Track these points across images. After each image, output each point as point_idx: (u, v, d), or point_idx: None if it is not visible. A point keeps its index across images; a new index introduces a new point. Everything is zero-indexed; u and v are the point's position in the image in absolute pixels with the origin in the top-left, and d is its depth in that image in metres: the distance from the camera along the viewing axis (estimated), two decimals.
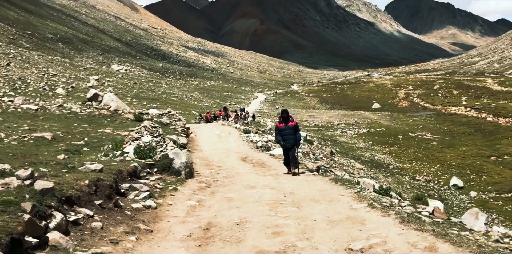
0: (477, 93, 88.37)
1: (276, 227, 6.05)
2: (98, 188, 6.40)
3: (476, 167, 39.12)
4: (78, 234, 5.05)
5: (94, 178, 6.50)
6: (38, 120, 15.88)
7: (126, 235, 5.39)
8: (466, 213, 7.32)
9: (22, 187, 5.17)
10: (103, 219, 5.75)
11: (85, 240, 4.93)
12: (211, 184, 9.81)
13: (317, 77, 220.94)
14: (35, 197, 4.94)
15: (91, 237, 5.07)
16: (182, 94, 74.40)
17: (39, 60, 63.89)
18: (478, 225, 6.78)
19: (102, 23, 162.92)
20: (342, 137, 53.43)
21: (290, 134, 12.45)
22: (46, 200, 5.08)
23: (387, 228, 5.74)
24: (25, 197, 4.87)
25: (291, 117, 12.82)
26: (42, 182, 5.38)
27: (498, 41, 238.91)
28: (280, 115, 12.89)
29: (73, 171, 6.84)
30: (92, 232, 5.22)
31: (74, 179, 6.19)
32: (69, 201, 5.63)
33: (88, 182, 6.27)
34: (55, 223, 4.86)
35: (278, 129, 12.77)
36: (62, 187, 5.67)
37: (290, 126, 12.55)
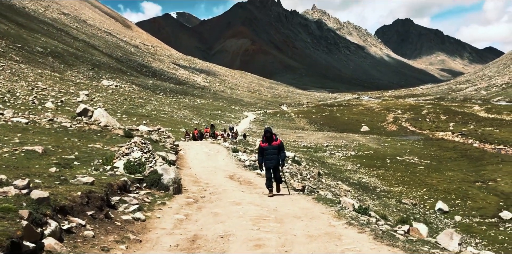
0: (464, 119, 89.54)
1: (258, 240, 6.32)
2: (90, 200, 6.60)
3: (461, 192, 39.39)
4: (71, 241, 5.22)
5: (86, 190, 6.69)
6: (28, 133, 15.83)
7: (117, 244, 5.60)
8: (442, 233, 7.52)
9: (20, 196, 5.39)
10: (95, 228, 5.94)
11: (78, 247, 5.11)
12: (198, 200, 9.97)
13: (307, 98, 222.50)
14: (31, 206, 5.14)
15: (84, 245, 5.26)
16: (172, 112, 74.42)
17: (28, 74, 63.62)
18: (452, 245, 6.95)
19: (93, 38, 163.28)
20: (330, 159, 53.62)
21: (273, 154, 11.87)
22: (41, 209, 5.27)
23: (361, 243, 6.03)
24: (23, 205, 5.08)
25: (275, 136, 12.18)
26: (38, 191, 5.57)
27: (486, 68, 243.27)
28: (263, 135, 12.17)
29: (66, 183, 6.98)
30: (84, 240, 5.41)
31: (67, 191, 6.38)
32: (63, 210, 5.83)
33: (80, 193, 6.47)
34: (50, 230, 5.04)
35: (261, 149, 12.13)
36: (56, 197, 5.87)
37: (274, 146, 11.90)
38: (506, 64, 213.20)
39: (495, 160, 52.12)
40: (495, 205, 35.88)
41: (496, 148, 61.08)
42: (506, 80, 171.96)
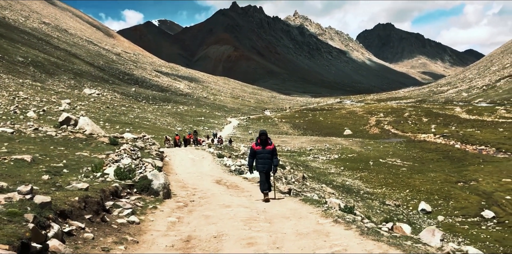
0: (446, 121, 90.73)
1: (250, 239, 6.65)
2: (87, 204, 6.89)
3: (444, 193, 39.99)
4: (72, 243, 5.50)
5: (83, 195, 6.98)
6: (14, 143, 15.89)
7: (116, 245, 5.91)
8: (424, 230, 7.82)
9: (24, 201, 5.64)
10: (93, 231, 6.23)
11: (80, 248, 5.40)
12: (188, 204, 10.23)
13: (290, 103, 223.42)
14: (35, 210, 5.40)
15: (85, 246, 5.54)
16: (155, 119, 74.31)
17: (9, 83, 63.11)
18: (434, 241, 7.23)
19: (74, 47, 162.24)
20: (314, 162, 54.02)
21: (267, 158, 11.30)
22: (44, 213, 5.54)
23: (348, 239, 6.40)
24: (27, 209, 5.33)
25: (270, 140, 11.56)
26: (41, 196, 5.86)
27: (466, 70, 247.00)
28: (258, 137, 11.57)
29: (62, 190, 7.24)
30: (85, 242, 5.70)
31: (64, 196, 6.65)
32: (63, 214, 6.12)
33: (78, 198, 6.75)
34: (53, 232, 5.31)
35: (253, 152, 11.51)
36: (56, 202, 6.13)
37: (267, 150, 11.32)
38: (487, 66, 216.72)
39: (477, 161, 52.99)
40: (477, 204, 36.49)
41: (477, 148, 62.06)
42: (487, 82, 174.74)
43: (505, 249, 26.67)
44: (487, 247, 26.49)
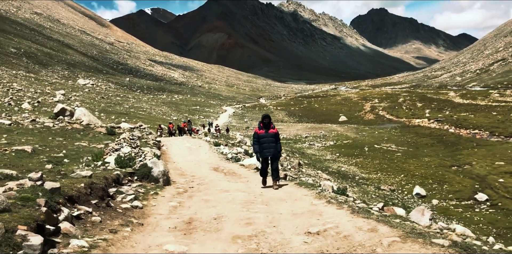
0: (440, 105, 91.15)
1: (248, 220, 7.11)
2: (93, 190, 7.26)
3: (438, 177, 40.46)
4: (81, 226, 5.85)
5: (88, 182, 7.34)
6: (13, 134, 16.06)
7: (122, 227, 6.29)
8: (414, 210, 8.11)
9: (35, 187, 6.00)
10: (100, 215, 6.60)
11: (89, 230, 5.77)
12: (187, 190, 10.58)
13: (285, 90, 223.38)
14: (46, 195, 5.74)
15: (93, 228, 5.91)
16: (150, 108, 74.35)
17: (3, 75, 62.84)
18: (424, 220, 7.52)
19: (67, 37, 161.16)
20: (310, 149, 54.36)
21: (271, 142, 10.95)
22: (55, 198, 5.90)
23: (339, 217, 6.85)
24: (39, 194, 5.65)
25: (273, 124, 11.23)
26: (51, 183, 6.19)
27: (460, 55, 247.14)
28: (260, 121, 11.19)
29: (67, 177, 7.61)
30: (93, 225, 6.07)
31: (71, 183, 6.99)
32: (71, 200, 6.48)
33: (83, 185, 7.11)
34: (63, 216, 5.67)
35: (256, 136, 11.10)
36: (64, 188, 6.49)
37: (271, 133, 10.99)
38: (480, 50, 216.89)
39: (470, 145, 53.47)
40: (470, 188, 36.99)
41: (471, 132, 62.54)
42: (480, 66, 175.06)
43: (498, 230, 27.18)
44: (480, 229, 26.97)
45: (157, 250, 5.42)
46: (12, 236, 4.22)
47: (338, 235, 5.81)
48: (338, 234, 5.86)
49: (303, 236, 5.95)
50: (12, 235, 4.23)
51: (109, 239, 5.56)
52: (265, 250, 5.37)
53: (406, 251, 4.76)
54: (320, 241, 5.64)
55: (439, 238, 5.15)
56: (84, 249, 4.96)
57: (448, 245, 4.79)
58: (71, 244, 5.01)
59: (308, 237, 5.91)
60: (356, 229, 6.01)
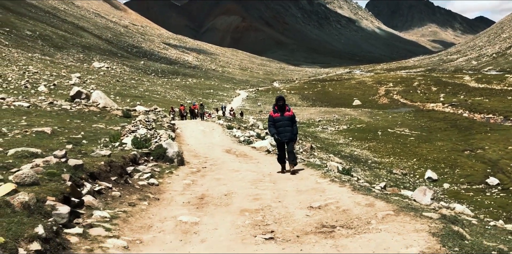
0: (455, 89, 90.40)
1: (256, 195, 7.66)
2: (112, 168, 7.79)
3: (450, 161, 40.61)
4: (103, 199, 6.40)
5: (108, 160, 7.90)
6: (32, 116, 16.66)
7: (140, 201, 6.86)
8: (416, 190, 8.49)
9: (60, 164, 6.54)
10: (120, 190, 7.16)
11: (110, 204, 6.32)
12: (200, 170, 11.15)
13: (299, 74, 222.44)
14: (70, 171, 6.26)
15: (113, 202, 6.46)
16: (165, 92, 74.94)
17: (19, 58, 63.66)
18: (425, 199, 7.91)
19: (81, 20, 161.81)
20: (322, 133, 54.63)
21: (286, 125, 10.62)
22: (78, 173, 6.43)
23: (341, 194, 7.31)
24: (63, 170, 6.18)
25: (288, 106, 10.89)
26: (74, 160, 6.75)
27: (476, 38, 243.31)
28: (274, 104, 10.90)
29: (87, 156, 8.16)
30: (113, 199, 6.62)
31: (92, 161, 7.54)
32: (92, 176, 7.00)
33: (104, 163, 7.65)
34: (86, 190, 6.21)
35: (272, 120, 10.75)
36: (85, 166, 7.01)
37: (286, 117, 10.64)
38: (497, 33, 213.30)
39: (484, 129, 53.28)
40: (482, 172, 37.14)
41: (485, 117, 62.20)
42: (497, 50, 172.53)
43: (508, 214, 27.42)
44: (490, 213, 27.22)
45: (172, 221, 5.94)
46: (43, 205, 4.73)
47: (337, 209, 6.27)
48: (337, 208, 6.32)
49: (306, 210, 6.42)
50: (42, 204, 4.74)
51: (128, 211, 6.11)
52: (270, 222, 5.84)
53: (398, 222, 5.20)
54: (320, 214, 6.11)
55: (430, 212, 5.57)
56: (106, 219, 5.51)
57: (437, 218, 5.20)
58: (94, 215, 5.55)
59: (310, 211, 6.39)
60: (355, 204, 6.46)
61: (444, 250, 4.20)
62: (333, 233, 5.19)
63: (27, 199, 4.48)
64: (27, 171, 5.42)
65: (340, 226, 5.44)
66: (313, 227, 5.51)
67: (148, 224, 5.80)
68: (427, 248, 4.33)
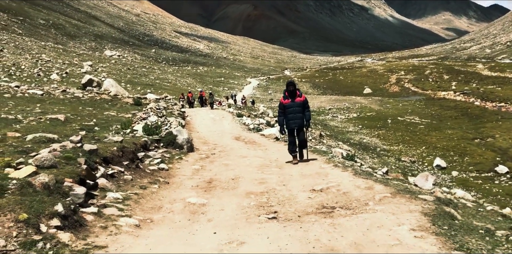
0: (467, 78, 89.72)
1: (261, 179, 8.00)
2: (124, 153, 8.16)
3: (459, 149, 40.61)
4: (115, 182, 6.77)
5: (120, 146, 8.28)
6: (45, 104, 17.07)
7: (151, 184, 7.24)
8: (418, 175, 8.71)
9: (76, 148, 6.91)
10: (131, 174, 7.52)
11: (122, 186, 6.70)
12: (209, 156, 11.49)
13: (310, 62, 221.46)
14: (85, 155, 6.64)
15: (125, 185, 6.84)
16: (176, 80, 75.24)
17: (32, 46, 64.21)
18: (427, 185, 8.12)
19: (94, 9, 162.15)
20: (332, 121, 54.77)
21: (297, 112, 9.99)
22: (92, 158, 6.82)
23: (342, 178, 7.64)
24: (79, 155, 6.54)
25: (299, 91, 10.23)
26: (89, 145, 7.16)
27: (491, 26, 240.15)
28: (285, 89, 10.30)
29: (100, 142, 8.51)
30: (125, 182, 6.99)
31: (105, 146, 7.91)
32: (106, 160, 7.38)
33: (116, 148, 8.03)
34: (100, 173, 6.60)
35: (282, 107, 10.15)
36: (99, 151, 7.39)
37: (297, 102, 10.01)
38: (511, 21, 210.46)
39: (495, 118, 53.04)
40: (492, 160, 37.13)
41: (497, 105, 61.84)
42: (511, 38, 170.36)
43: None
44: (498, 201, 27.35)
45: (180, 202, 6.31)
46: (61, 186, 5.09)
47: (338, 192, 6.59)
48: (338, 191, 6.65)
49: (308, 193, 6.76)
50: (61, 185, 5.10)
51: (139, 193, 6.50)
52: (274, 203, 6.19)
53: (394, 204, 5.50)
54: (322, 196, 6.44)
55: (425, 195, 5.85)
56: (119, 200, 5.88)
57: (432, 200, 5.48)
58: (107, 196, 5.93)
59: (312, 193, 6.72)
60: (355, 187, 6.79)
61: (433, 228, 4.51)
62: (332, 213, 5.50)
63: (47, 180, 4.85)
64: (45, 155, 5.78)
65: (339, 207, 5.75)
66: (314, 208, 5.82)
67: (158, 205, 6.16)
68: (417, 226, 4.64)
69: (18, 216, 4.09)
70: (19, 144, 7.17)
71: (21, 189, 4.62)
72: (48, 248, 3.90)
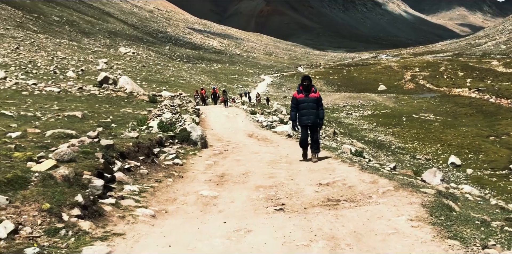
0: (482, 74, 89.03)
1: (271, 174, 8.32)
2: (140, 149, 8.50)
3: (474, 147, 40.49)
4: (132, 176, 7.12)
5: (136, 141, 8.62)
6: (63, 101, 17.51)
7: (165, 178, 7.62)
8: (426, 171, 8.89)
9: (93, 143, 7.28)
10: (147, 168, 7.86)
11: (138, 180, 7.05)
12: (222, 152, 11.81)
13: (324, 59, 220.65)
14: (102, 150, 6.99)
15: (141, 178, 7.20)
16: (190, 77, 75.67)
17: (47, 43, 64.96)
18: (435, 180, 8.30)
19: (107, 5, 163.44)
20: (347, 119, 54.81)
21: (311, 108, 9.65)
22: (109, 152, 7.17)
23: (349, 172, 7.94)
24: (97, 149, 6.89)
25: (314, 87, 9.92)
26: (106, 140, 7.52)
27: (506, 22, 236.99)
28: (299, 84, 9.98)
29: (117, 138, 8.86)
30: (141, 176, 7.35)
31: (121, 142, 8.25)
32: (122, 155, 7.71)
33: (132, 144, 8.37)
34: (117, 167, 6.95)
35: (295, 102, 9.80)
36: (116, 146, 7.72)
37: (311, 98, 9.68)
38: None
39: (510, 115, 52.76)
40: (506, 158, 36.99)
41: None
42: None
43: None
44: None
45: (194, 195, 6.66)
46: (80, 178, 5.43)
47: (344, 186, 6.88)
48: (344, 185, 6.93)
49: (315, 187, 7.05)
50: (80, 178, 5.44)
51: (155, 186, 6.86)
52: (282, 196, 6.49)
53: (396, 197, 5.76)
54: (328, 190, 6.73)
55: (427, 188, 6.09)
56: (135, 192, 6.23)
57: (433, 193, 5.71)
58: (124, 188, 6.27)
59: (318, 187, 7.01)
60: (360, 181, 7.08)
61: (430, 218, 4.78)
62: (336, 206, 5.78)
63: (67, 173, 5.18)
64: (65, 149, 6.13)
65: (344, 200, 6.03)
66: (320, 201, 6.10)
67: (173, 197, 6.50)
68: (415, 216, 4.92)
69: (42, 205, 4.42)
70: (39, 139, 7.52)
71: (43, 181, 4.95)
72: (70, 235, 4.23)
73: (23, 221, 4.17)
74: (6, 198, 4.35)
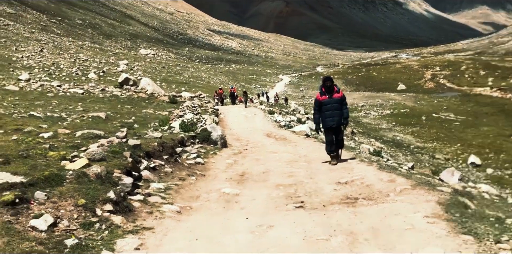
0: (504, 73, 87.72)
1: (290, 173, 8.57)
2: (164, 148, 8.86)
3: (495, 146, 40.01)
4: (157, 174, 7.47)
5: (160, 141, 8.98)
6: (86, 102, 18.00)
7: (188, 176, 7.98)
8: (444, 171, 9.03)
9: (121, 143, 7.67)
10: (171, 167, 8.23)
11: (163, 178, 7.42)
12: (242, 151, 12.15)
13: (343, 58, 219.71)
14: (130, 149, 7.36)
15: (166, 177, 7.57)
16: (209, 78, 76.16)
17: (70, 46, 66.12)
18: (453, 180, 8.44)
19: (129, 8, 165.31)
20: (365, 118, 54.60)
21: (335, 109, 9.29)
22: (136, 152, 7.53)
23: (367, 171, 8.11)
24: (125, 149, 7.26)
25: (337, 87, 9.53)
26: (133, 140, 7.90)
27: None
28: (321, 85, 9.61)
29: (142, 138, 9.21)
30: (166, 174, 7.72)
31: (146, 142, 8.60)
32: (148, 154, 8.05)
33: (157, 143, 8.73)
34: (143, 166, 7.30)
35: (318, 104, 9.44)
36: (142, 146, 8.08)
37: (335, 99, 9.33)
38: None
39: None
40: None
41: None
42: None
43: None
44: None
45: (216, 193, 6.95)
46: (111, 176, 5.75)
47: (362, 184, 7.07)
48: (362, 183, 7.13)
49: (334, 185, 7.26)
50: (111, 175, 5.76)
51: (179, 184, 7.20)
52: (301, 194, 6.72)
53: (413, 195, 5.94)
54: (346, 188, 6.93)
55: (444, 187, 6.25)
56: (161, 190, 6.56)
57: (449, 191, 5.88)
58: (151, 186, 6.59)
59: (337, 185, 7.22)
60: (378, 180, 7.25)
61: (446, 215, 4.96)
62: (355, 203, 5.99)
63: (99, 171, 5.51)
64: (95, 149, 6.47)
65: (362, 198, 6.23)
66: (339, 199, 6.31)
67: (196, 194, 6.82)
68: (431, 213, 5.10)
69: (77, 201, 4.75)
70: (70, 139, 7.88)
71: (77, 179, 5.28)
72: (104, 229, 4.55)
73: (61, 215, 4.50)
74: (45, 194, 4.69)
